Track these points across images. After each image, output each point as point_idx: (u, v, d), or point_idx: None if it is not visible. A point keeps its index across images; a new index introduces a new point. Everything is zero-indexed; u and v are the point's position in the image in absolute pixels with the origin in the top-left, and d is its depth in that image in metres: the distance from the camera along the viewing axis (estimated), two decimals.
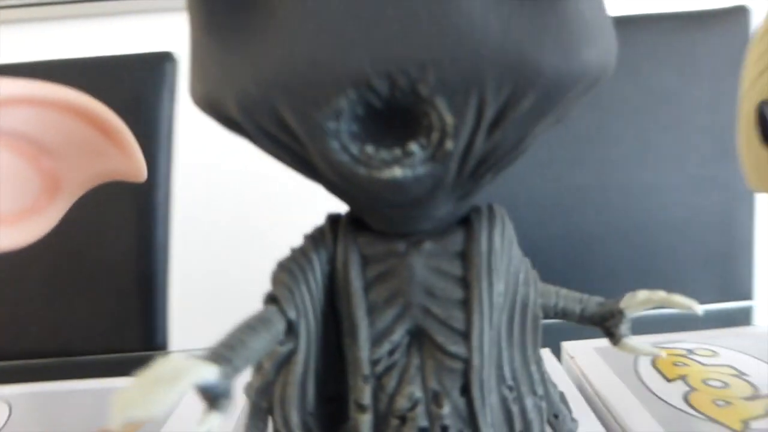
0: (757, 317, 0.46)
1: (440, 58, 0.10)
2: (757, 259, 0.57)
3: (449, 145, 0.11)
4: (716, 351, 0.27)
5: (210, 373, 0.11)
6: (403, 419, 0.14)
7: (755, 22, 0.55)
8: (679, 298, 0.15)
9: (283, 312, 0.13)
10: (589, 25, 0.11)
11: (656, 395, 0.23)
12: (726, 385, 0.24)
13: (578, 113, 0.13)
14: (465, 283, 0.13)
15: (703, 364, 0.25)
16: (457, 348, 0.13)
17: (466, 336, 0.13)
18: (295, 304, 0.13)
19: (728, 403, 0.22)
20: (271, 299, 0.14)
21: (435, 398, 0.14)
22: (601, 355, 0.27)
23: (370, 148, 0.11)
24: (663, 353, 0.17)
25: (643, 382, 0.25)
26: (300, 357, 0.14)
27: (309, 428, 0.14)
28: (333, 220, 0.15)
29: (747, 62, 0.19)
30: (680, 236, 0.59)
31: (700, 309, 0.15)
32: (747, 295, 0.55)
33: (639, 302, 0.15)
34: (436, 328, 0.13)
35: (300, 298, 0.13)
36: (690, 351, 0.27)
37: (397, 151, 0.11)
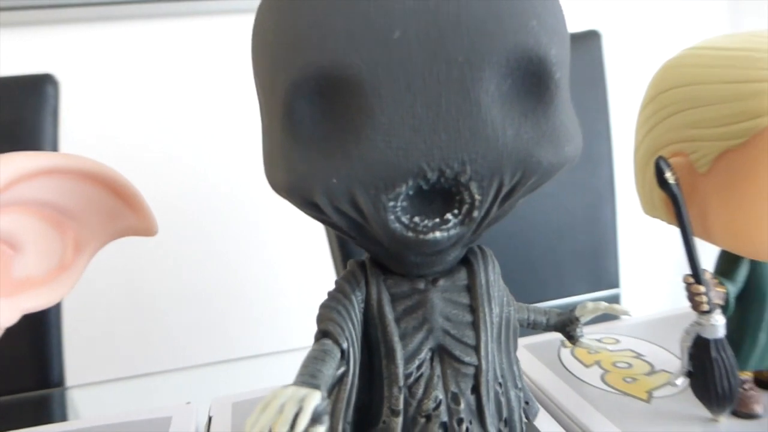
0: (623, 302, 0.55)
1: (475, 157, 0.14)
2: (620, 253, 0.67)
3: (476, 214, 0.15)
4: (618, 339, 0.33)
5: (319, 397, 0.14)
6: (429, 417, 0.18)
7: (605, 45, 0.64)
8: (617, 307, 0.20)
9: (338, 344, 0.17)
10: (568, 130, 0.15)
11: (579, 378, 0.29)
12: (630, 365, 0.30)
13: None
14: (472, 309, 0.18)
15: (610, 350, 0.32)
16: (470, 358, 0.18)
17: (476, 348, 0.18)
18: (345, 336, 0.17)
19: (634, 379, 0.29)
20: (324, 334, 0.17)
21: (454, 398, 0.18)
22: (529, 351, 0.33)
23: (417, 218, 0.15)
24: (608, 347, 0.23)
25: (567, 369, 0.30)
26: (349, 378, 0.17)
27: None
28: (360, 265, 0.18)
29: (638, 120, 0.26)
30: (556, 236, 0.68)
31: (631, 311, 0.20)
32: (614, 284, 0.64)
33: (588, 311, 0.20)
34: (453, 344, 0.18)
35: (348, 332, 0.17)
36: (599, 340, 0.33)
37: (437, 220, 0.15)
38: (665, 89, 0.24)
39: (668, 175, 0.22)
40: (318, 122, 0.14)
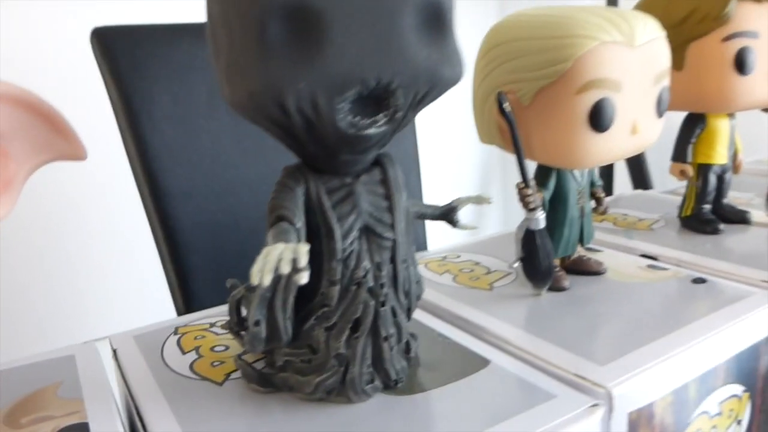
0: None
1: (401, 71, 0.20)
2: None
3: (399, 115, 0.21)
4: (459, 254, 0.41)
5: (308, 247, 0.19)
6: (359, 284, 0.23)
7: None
8: (481, 196, 0.27)
9: (292, 224, 0.21)
10: (459, 55, 0.22)
11: (437, 282, 0.36)
12: (472, 270, 0.38)
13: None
14: (387, 197, 0.23)
15: (455, 262, 0.39)
16: (389, 234, 0.23)
17: (392, 227, 0.23)
18: (298, 218, 0.21)
19: (478, 278, 0.37)
20: (279, 218, 0.21)
21: (378, 267, 0.23)
22: None
23: (357, 118, 0.20)
24: (453, 260, 0.30)
25: (426, 278, 0.37)
26: None
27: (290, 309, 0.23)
28: (296, 167, 0.23)
29: (475, 70, 0.33)
30: None
31: (490, 199, 0.27)
32: (423, 247, 0.73)
33: (462, 202, 0.27)
34: (376, 224, 0.23)
35: (298, 215, 0.22)
36: (444, 257, 0.41)
37: (372, 119, 0.21)
38: (495, 45, 0.31)
39: (506, 105, 0.29)
40: (288, 40, 0.19)
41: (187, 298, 0.63)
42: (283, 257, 0.18)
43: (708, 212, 0.42)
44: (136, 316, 0.96)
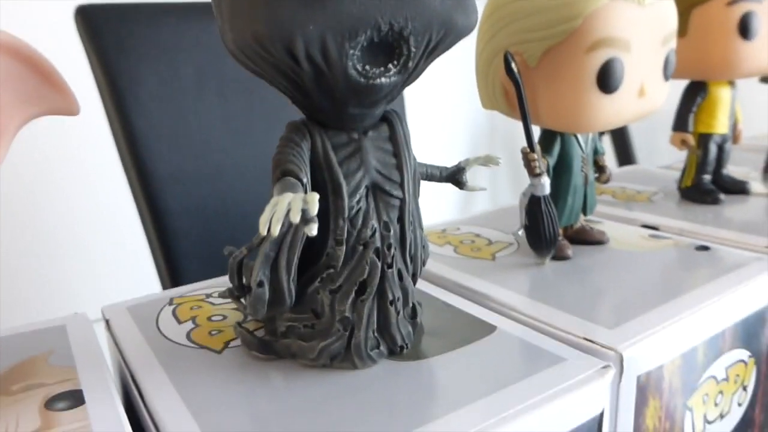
0: None
1: (414, 16, 0.19)
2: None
3: (410, 64, 0.20)
4: (459, 227, 0.40)
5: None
6: (366, 245, 0.22)
7: None
8: (490, 156, 0.27)
9: (298, 179, 0.20)
10: (472, 2, 0.21)
11: (438, 254, 0.36)
12: (473, 241, 0.37)
13: (267, 88, 0.23)
14: (395, 154, 0.22)
15: (455, 234, 0.39)
16: (397, 192, 0.22)
17: (401, 185, 0.22)
18: (304, 173, 0.20)
19: (479, 249, 0.36)
20: (285, 173, 0.20)
21: (385, 227, 0.22)
22: None
23: (368, 66, 0.19)
24: (453, 233, 0.29)
25: None
26: None
27: (294, 270, 0.22)
28: (302, 122, 0.22)
29: (479, 33, 0.32)
30: None
31: (498, 159, 0.27)
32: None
33: (472, 162, 0.26)
34: (384, 181, 0.22)
35: (305, 170, 0.21)
36: (443, 230, 0.40)
37: (382, 68, 0.20)
38: (500, 5, 0.31)
39: (513, 65, 0.28)
40: None
41: (175, 283, 0.62)
42: (292, 206, 0.17)
43: (708, 182, 0.42)
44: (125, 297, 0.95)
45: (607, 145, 1.21)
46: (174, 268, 0.64)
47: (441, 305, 0.29)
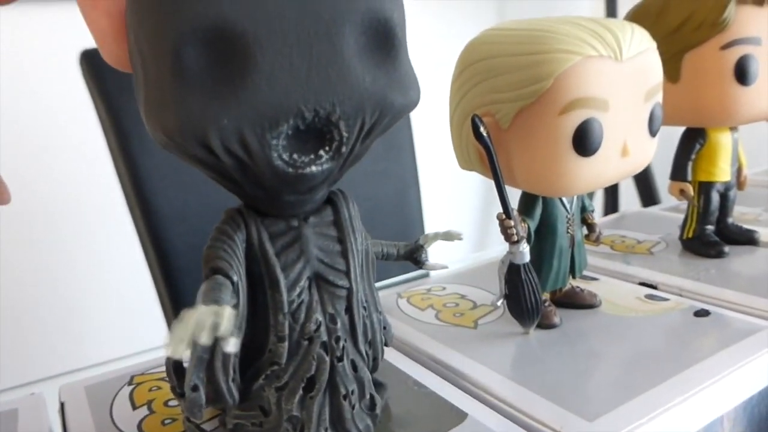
0: (432, 275, 0.62)
1: (342, 99, 0.17)
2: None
3: (344, 149, 0.18)
4: (444, 287, 0.38)
5: (231, 310, 0.16)
6: (311, 339, 0.20)
7: None
8: (451, 232, 0.25)
9: (228, 277, 0.19)
10: (411, 78, 0.19)
11: (417, 319, 0.34)
12: (457, 304, 0.35)
13: None
14: (339, 240, 0.21)
15: (439, 295, 0.37)
16: (343, 282, 0.20)
17: (347, 273, 0.21)
18: (234, 270, 0.19)
19: (462, 314, 0.34)
20: (214, 271, 0.19)
21: (331, 319, 0.21)
22: None
23: (296, 155, 0.18)
24: (437, 293, 0.27)
25: (406, 314, 0.34)
26: (240, 310, 0.19)
27: (233, 370, 0.20)
28: (237, 210, 0.20)
29: (451, 91, 0.30)
30: (367, 224, 0.74)
31: (462, 235, 0.25)
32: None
33: (430, 239, 0.24)
34: (328, 271, 0.20)
35: (236, 267, 0.19)
36: (428, 290, 0.38)
37: (312, 156, 0.18)
38: (470, 63, 0.29)
39: (482, 129, 0.27)
40: (207, 69, 0.16)
41: None
42: (202, 325, 0.16)
43: (711, 234, 0.39)
44: (129, 338, 0.95)
45: (629, 185, 1.18)
46: (178, 307, 0.63)
47: (411, 386, 0.27)
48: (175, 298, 0.62)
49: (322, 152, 0.18)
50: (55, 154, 0.96)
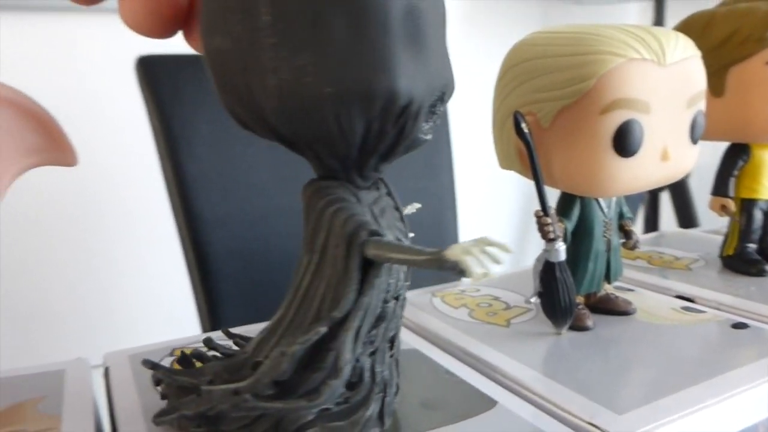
0: None
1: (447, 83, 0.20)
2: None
3: (438, 122, 0.20)
4: (479, 289, 0.39)
5: None
6: (397, 298, 0.21)
7: None
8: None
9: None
10: (447, 67, 0.20)
11: (451, 316, 0.34)
12: (490, 305, 0.36)
13: None
14: (396, 207, 0.22)
15: (473, 296, 0.37)
16: (406, 241, 0.22)
17: (406, 235, 0.22)
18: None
19: (495, 313, 0.34)
20: (373, 234, 0.20)
21: (405, 277, 0.22)
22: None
23: (429, 124, 0.20)
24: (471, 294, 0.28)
25: (440, 311, 0.35)
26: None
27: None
28: (337, 183, 0.21)
29: (495, 91, 0.31)
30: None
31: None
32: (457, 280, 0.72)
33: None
34: (399, 234, 0.22)
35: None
36: (462, 291, 0.38)
37: (432, 124, 0.20)
38: (516, 63, 0.30)
39: (524, 125, 0.27)
40: (407, 37, 0.18)
41: (214, 325, 0.63)
42: (490, 252, 0.16)
43: (753, 252, 0.39)
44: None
45: (669, 210, 1.16)
46: (214, 311, 0.64)
47: (443, 374, 0.28)
48: (211, 301, 0.64)
49: (432, 124, 0.20)
50: (107, 157, 0.99)
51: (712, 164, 0.39)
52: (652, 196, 1.17)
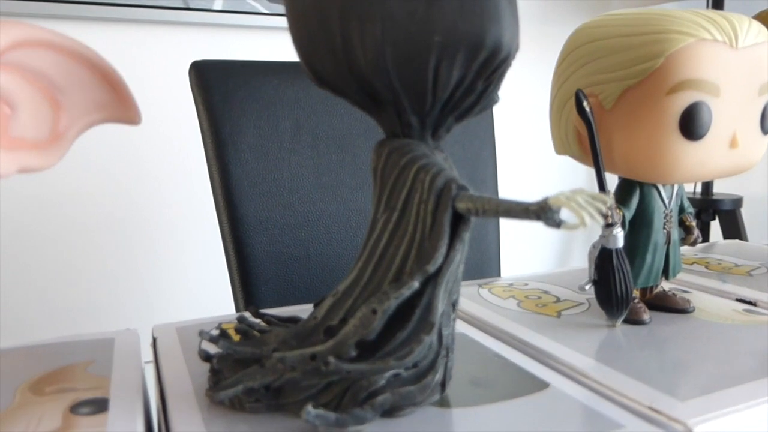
0: None
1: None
2: (503, 267, 0.74)
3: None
4: (527, 282, 0.38)
5: None
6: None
7: None
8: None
9: None
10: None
11: (499, 306, 0.33)
12: (540, 297, 0.35)
13: (359, 143, 0.21)
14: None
15: (521, 289, 0.36)
16: None
17: None
18: None
19: (545, 305, 0.33)
20: (462, 188, 0.19)
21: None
22: None
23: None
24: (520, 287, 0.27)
25: (488, 301, 0.34)
26: None
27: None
28: (410, 141, 0.21)
29: (554, 77, 0.31)
30: None
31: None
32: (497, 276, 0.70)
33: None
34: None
35: None
36: (510, 284, 0.37)
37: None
38: (576, 47, 0.29)
39: (585, 103, 0.27)
40: None
41: None
42: (595, 206, 0.16)
43: None
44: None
45: (716, 235, 1.12)
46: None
47: (492, 356, 0.27)
48: (250, 302, 0.64)
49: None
50: (158, 160, 1.02)
51: (765, 195, 0.38)
52: (703, 225, 1.13)
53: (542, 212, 0.17)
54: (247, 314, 0.28)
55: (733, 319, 0.31)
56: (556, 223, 0.16)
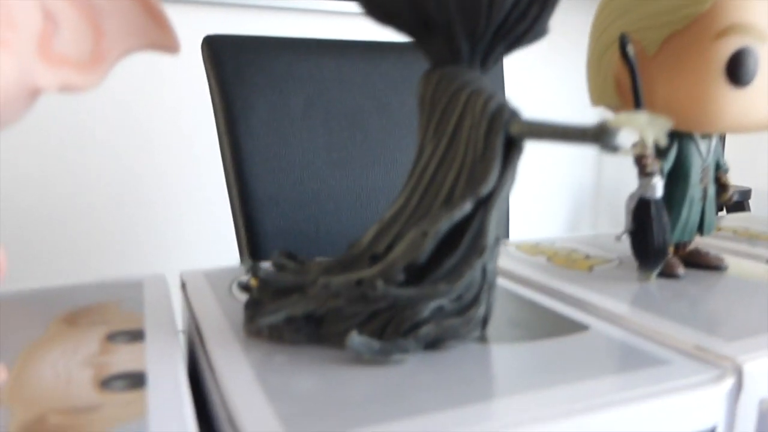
0: None
1: None
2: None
3: None
4: (555, 242, 0.37)
5: None
6: None
7: None
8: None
9: None
10: None
11: (529, 261, 0.33)
12: (570, 254, 0.34)
13: (371, 120, 0.21)
14: None
15: (550, 248, 0.36)
16: None
17: None
18: None
19: (575, 261, 0.33)
20: (514, 112, 0.19)
21: None
22: None
23: None
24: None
25: (515, 258, 0.34)
26: None
27: None
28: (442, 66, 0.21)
29: (592, 27, 0.30)
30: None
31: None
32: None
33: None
34: None
35: None
36: (537, 243, 0.37)
37: None
38: None
39: (629, 47, 0.26)
40: None
41: None
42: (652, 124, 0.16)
43: None
44: None
45: None
46: None
47: (526, 302, 0.26)
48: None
49: None
50: (169, 139, 1.03)
51: None
52: None
53: (601, 134, 0.16)
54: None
55: (767, 277, 0.31)
56: (614, 147, 0.16)
